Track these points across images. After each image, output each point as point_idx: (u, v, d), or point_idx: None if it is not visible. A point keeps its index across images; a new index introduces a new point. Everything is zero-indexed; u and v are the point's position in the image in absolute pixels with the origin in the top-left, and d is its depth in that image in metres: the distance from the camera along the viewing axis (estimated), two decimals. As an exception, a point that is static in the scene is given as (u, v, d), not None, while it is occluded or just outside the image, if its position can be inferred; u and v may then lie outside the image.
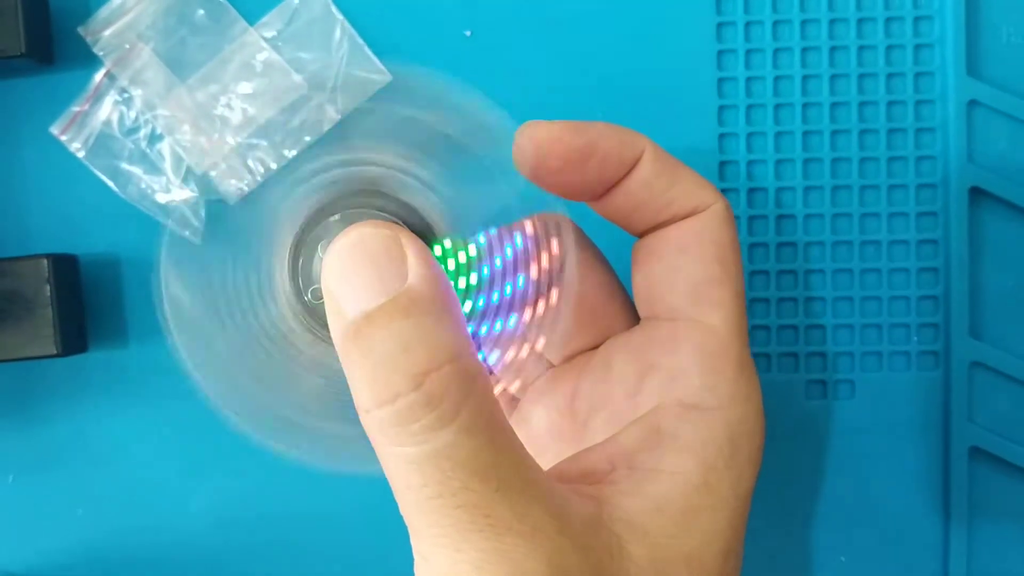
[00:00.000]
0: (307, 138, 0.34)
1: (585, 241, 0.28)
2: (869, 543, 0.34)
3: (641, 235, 0.27)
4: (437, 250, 0.23)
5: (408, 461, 0.20)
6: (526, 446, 0.27)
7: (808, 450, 0.33)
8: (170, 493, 0.35)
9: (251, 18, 0.34)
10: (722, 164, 0.33)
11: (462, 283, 0.24)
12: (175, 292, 0.24)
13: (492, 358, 0.25)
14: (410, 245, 0.20)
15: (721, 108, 0.33)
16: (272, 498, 0.35)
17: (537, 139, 0.24)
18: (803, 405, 0.33)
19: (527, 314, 0.25)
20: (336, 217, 0.22)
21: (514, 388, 0.27)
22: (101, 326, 0.34)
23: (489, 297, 0.24)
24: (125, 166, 0.34)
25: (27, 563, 0.35)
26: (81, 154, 0.34)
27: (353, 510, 0.35)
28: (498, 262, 0.24)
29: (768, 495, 0.31)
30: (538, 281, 0.24)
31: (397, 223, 0.22)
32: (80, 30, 0.34)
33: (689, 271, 0.26)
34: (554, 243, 0.24)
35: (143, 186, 0.34)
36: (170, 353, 0.34)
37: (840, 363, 0.33)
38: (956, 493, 0.33)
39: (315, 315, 0.23)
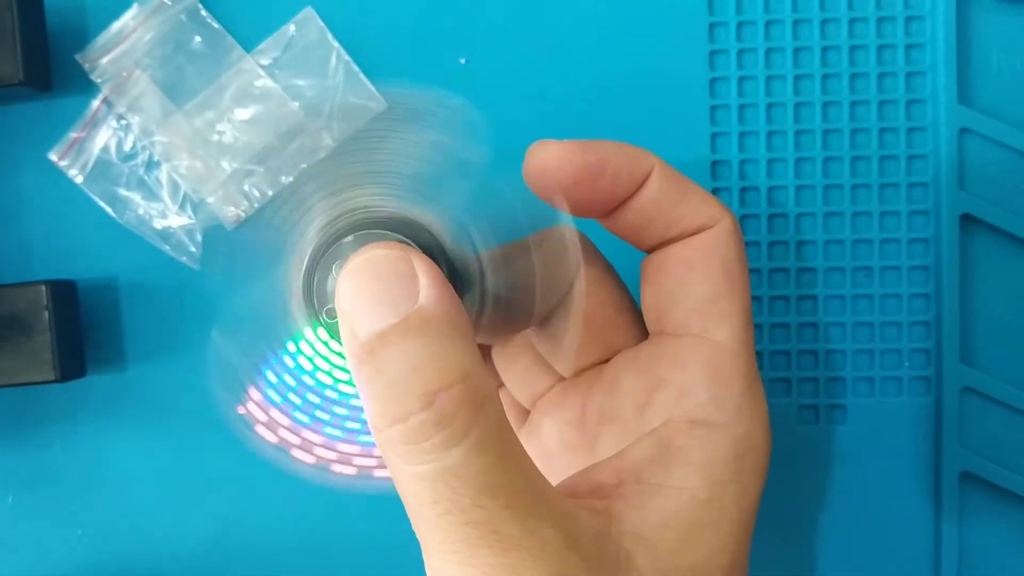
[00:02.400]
0: (303, 165, 0.34)
1: (595, 256, 0.28)
2: (861, 567, 0.34)
3: (650, 251, 0.27)
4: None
5: (419, 478, 0.20)
6: (537, 458, 0.28)
7: (800, 475, 0.34)
8: (167, 516, 0.35)
9: (248, 45, 0.34)
10: (715, 191, 0.33)
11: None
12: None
13: None
14: (421, 266, 0.21)
15: (713, 135, 0.33)
16: (268, 522, 0.35)
17: (548, 158, 0.25)
18: (795, 430, 0.34)
19: None
20: (349, 238, 0.23)
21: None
22: (99, 351, 0.35)
23: None
24: (123, 192, 0.34)
25: (27, 583, 0.35)
26: (79, 180, 0.34)
27: (352, 534, 0.35)
28: None
29: (760, 520, 0.31)
30: None
31: (409, 244, 0.23)
32: (78, 57, 0.34)
33: (697, 287, 0.26)
34: None
35: (141, 212, 0.34)
36: (167, 378, 0.35)
37: (832, 388, 0.33)
38: (947, 518, 0.33)
39: (330, 334, 0.23)
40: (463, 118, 0.25)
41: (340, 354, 0.24)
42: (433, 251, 0.23)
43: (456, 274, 0.23)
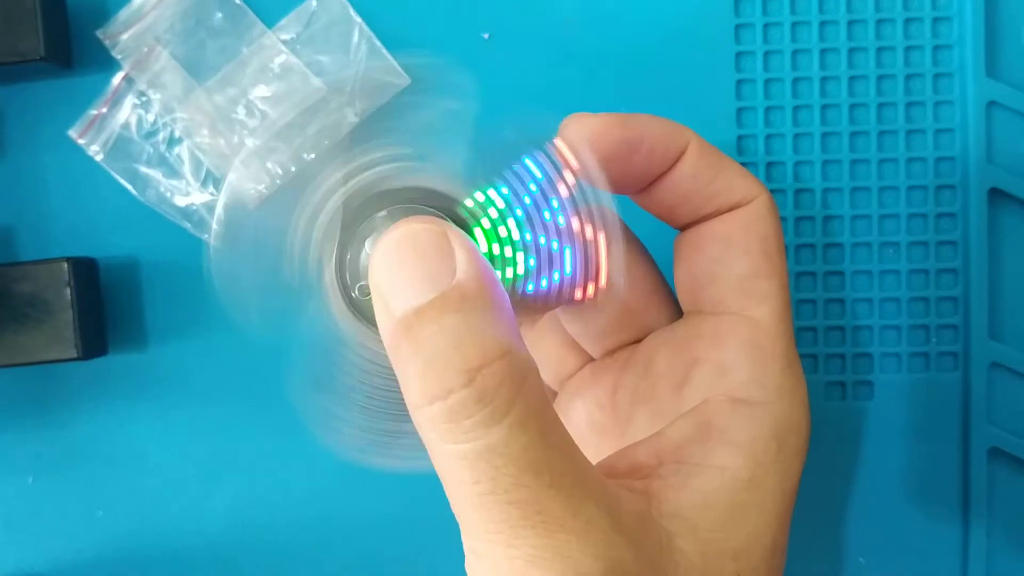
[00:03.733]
0: (326, 141, 0.34)
1: (628, 235, 0.27)
2: (888, 544, 0.34)
3: (684, 228, 0.27)
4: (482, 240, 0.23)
5: (460, 457, 0.20)
6: None
7: (827, 451, 0.33)
8: (189, 495, 0.35)
9: (269, 21, 0.34)
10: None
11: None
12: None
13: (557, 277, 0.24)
14: (457, 240, 0.21)
15: (739, 110, 0.33)
16: (289, 500, 0.35)
17: (584, 132, 0.24)
18: (822, 406, 0.33)
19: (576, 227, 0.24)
20: (383, 213, 0.22)
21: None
22: (121, 329, 0.34)
23: (535, 235, 0.23)
24: (144, 169, 0.34)
25: (48, 563, 0.35)
26: (100, 157, 0.34)
27: (371, 514, 0.35)
28: (526, 199, 0.23)
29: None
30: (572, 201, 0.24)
31: (443, 218, 0.22)
32: (98, 33, 0.34)
33: (735, 264, 0.26)
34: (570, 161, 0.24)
35: (162, 189, 0.34)
36: (189, 356, 0.35)
37: (859, 364, 0.33)
38: (975, 494, 0.33)
39: (362, 311, 0.23)
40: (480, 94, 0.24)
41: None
42: (466, 224, 0.23)
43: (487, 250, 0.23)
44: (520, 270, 0.23)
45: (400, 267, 0.20)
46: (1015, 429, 0.33)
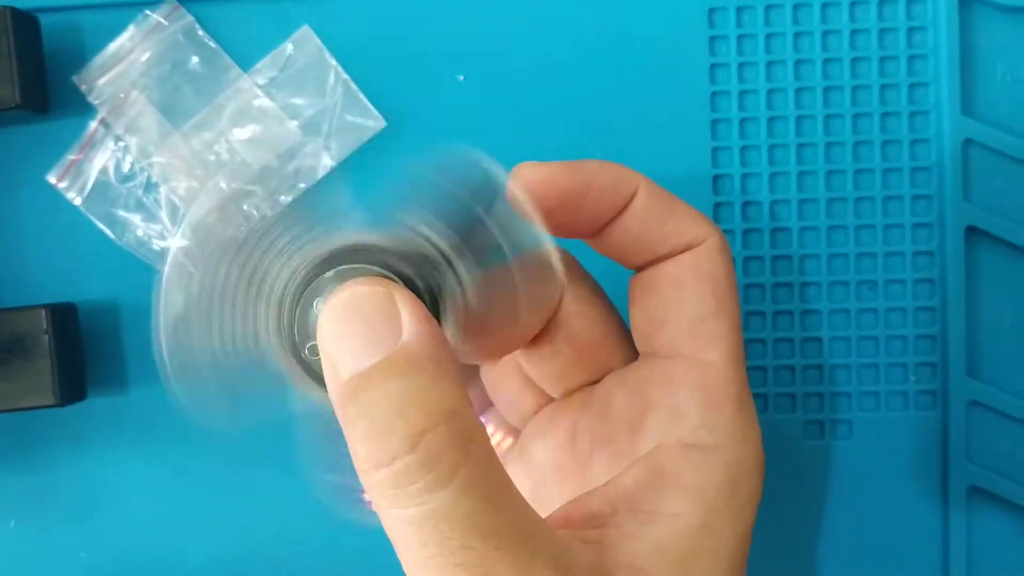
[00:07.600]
0: (302, 184, 0.34)
1: (582, 276, 0.28)
2: (868, 582, 0.34)
3: (638, 269, 0.27)
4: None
5: (407, 522, 0.20)
6: (528, 480, 0.28)
7: (806, 491, 0.33)
8: (171, 537, 0.35)
9: (245, 64, 0.34)
10: (716, 205, 0.33)
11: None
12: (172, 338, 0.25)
13: None
14: (404, 302, 0.21)
15: (715, 149, 0.33)
16: (274, 542, 0.35)
17: (532, 181, 0.25)
18: (801, 445, 0.33)
19: None
20: (330, 274, 0.22)
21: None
22: (100, 373, 0.34)
23: None
24: (122, 214, 0.34)
25: (31, 605, 0.35)
26: (78, 202, 0.34)
27: (354, 556, 0.35)
28: None
29: (766, 536, 0.31)
30: None
31: (390, 277, 0.22)
32: (75, 79, 0.34)
33: (686, 307, 0.26)
34: None
35: (140, 233, 0.34)
36: (169, 400, 0.34)
37: (837, 403, 0.33)
38: (955, 533, 0.33)
39: (312, 371, 0.23)
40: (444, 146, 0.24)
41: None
42: (414, 281, 0.23)
43: (439, 302, 0.23)
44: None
45: (345, 330, 0.21)
46: (994, 467, 0.33)
